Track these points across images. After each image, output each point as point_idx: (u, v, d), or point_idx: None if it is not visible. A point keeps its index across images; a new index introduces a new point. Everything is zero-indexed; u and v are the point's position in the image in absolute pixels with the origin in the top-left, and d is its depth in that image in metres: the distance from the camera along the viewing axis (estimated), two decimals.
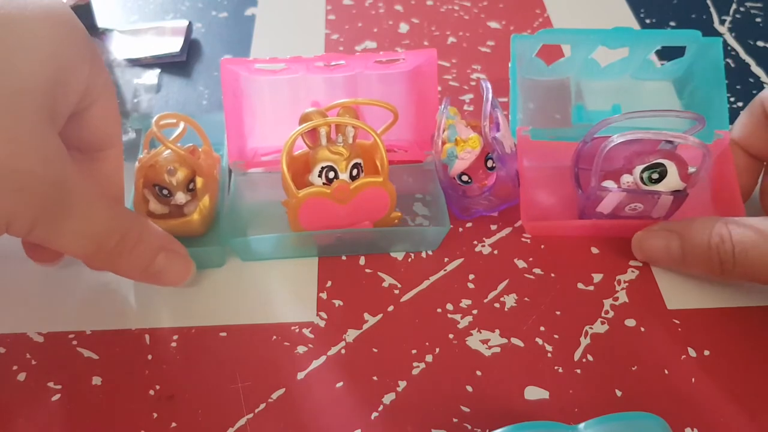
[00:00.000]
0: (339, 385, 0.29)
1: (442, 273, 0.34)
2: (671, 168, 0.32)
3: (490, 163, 0.35)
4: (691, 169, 0.32)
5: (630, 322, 0.32)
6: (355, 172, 0.32)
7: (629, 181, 0.33)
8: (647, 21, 0.51)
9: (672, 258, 0.32)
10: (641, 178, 0.32)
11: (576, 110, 0.40)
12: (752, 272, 0.29)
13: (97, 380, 0.30)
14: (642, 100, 0.41)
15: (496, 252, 0.35)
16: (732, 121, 0.39)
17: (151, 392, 0.29)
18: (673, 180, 0.32)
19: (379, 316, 0.32)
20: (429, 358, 0.30)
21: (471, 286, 0.33)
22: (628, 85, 0.41)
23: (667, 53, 0.45)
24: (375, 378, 0.29)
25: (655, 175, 0.32)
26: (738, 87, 0.46)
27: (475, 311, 0.32)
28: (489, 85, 0.35)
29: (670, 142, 0.33)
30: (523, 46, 0.38)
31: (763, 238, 0.28)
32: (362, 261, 0.35)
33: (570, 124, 0.40)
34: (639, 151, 0.33)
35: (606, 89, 0.41)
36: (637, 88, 0.41)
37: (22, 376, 0.30)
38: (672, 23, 0.51)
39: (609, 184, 0.33)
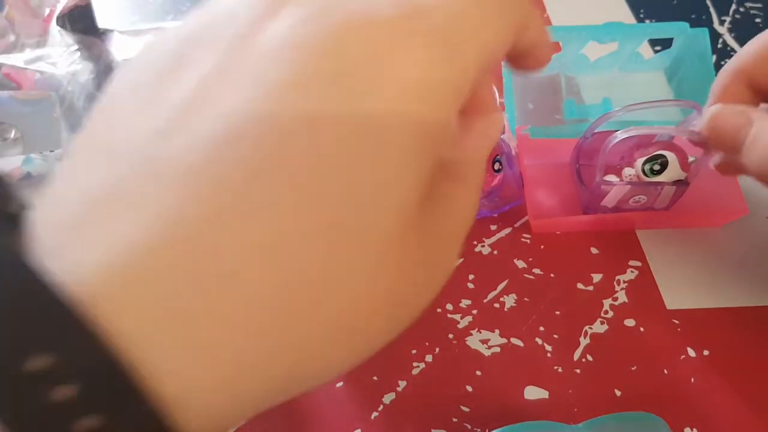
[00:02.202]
0: (339, 385, 0.29)
1: None
2: (672, 158, 0.32)
3: (497, 166, 0.35)
4: (691, 159, 0.33)
5: (629, 322, 0.32)
6: None
7: (631, 173, 0.33)
8: (646, 21, 0.51)
9: (735, 145, 0.28)
10: (643, 171, 0.33)
11: (567, 105, 0.40)
12: None
13: None
14: (631, 92, 0.41)
15: (495, 252, 0.35)
16: None
17: None
18: (674, 170, 0.32)
19: None
20: (429, 358, 0.30)
21: (471, 286, 0.33)
22: (617, 78, 0.41)
23: (660, 44, 0.45)
24: (375, 378, 0.29)
25: (657, 167, 0.32)
26: None
27: (474, 311, 0.32)
28: (494, 88, 0.35)
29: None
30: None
31: None
32: None
33: (563, 120, 0.40)
34: (638, 144, 0.33)
35: (596, 83, 0.41)
36: (625, 80, 0.41)
37: None
38: None
39: (611, 178, 0.33)
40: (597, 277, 0.34)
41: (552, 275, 0.34)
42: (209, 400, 0.15)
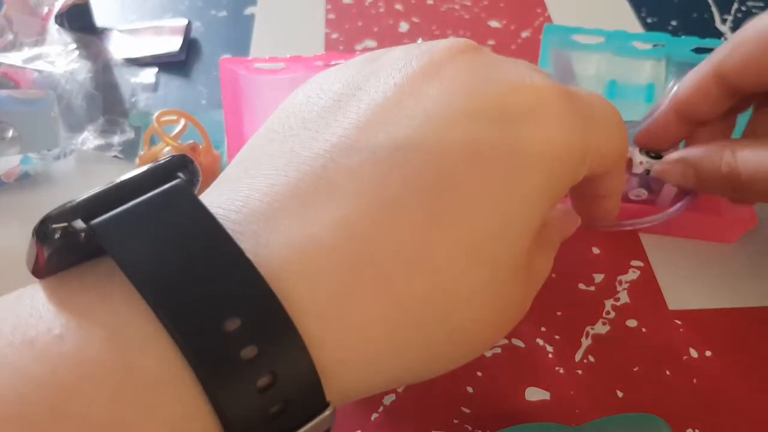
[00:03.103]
0: None
1: None
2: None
3: None
4: None
5: (631, 323, 0.31)
6: None
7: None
8: (648, 20, 0.51)
9: (690, 185, 0.31)
10: (639, 150, 0.32)
11: (609, 86, 0.39)
12: (765, 195, 0.28)
13: None
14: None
15: None
16: None
17: None
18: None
19: None
20: None
21: None
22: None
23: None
24: None
25: (653, 153, 0.32)
26: None
27: None
28: None
29: None
30: (555, 38, 0.38)
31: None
32: None
33: None
34: None
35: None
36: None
37: None
38: (673, 23, 0.51)
39: None
40: (598, 278, 0.33)
41: (553, 275, 0.33)
42: (351, 373, 0.18)
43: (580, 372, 0.30)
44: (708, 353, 0.30)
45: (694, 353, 0.30)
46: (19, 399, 0.14)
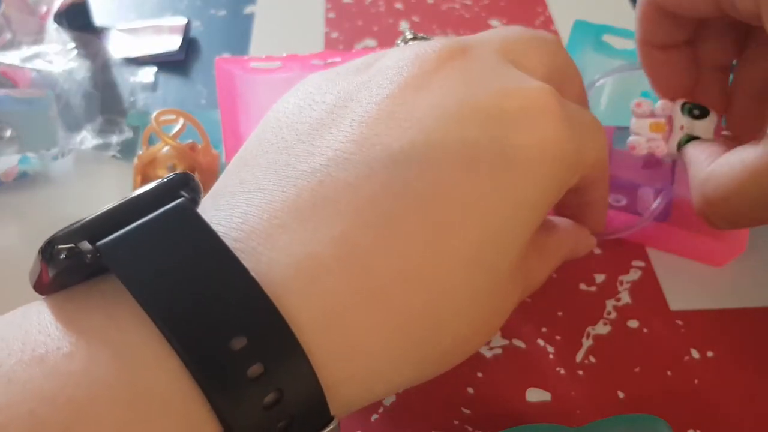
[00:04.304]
0: None
1: None
2: (713, 117, 0.29)
3: None
4: (725, 132, 0.30)
5: (632, 323, 0.31)
6: None
7: (657, 107, 0.30)
8: None
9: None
10: (682, 108, 0.29)
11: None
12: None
13: None
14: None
15: None
16: None
17: None
18: (710, 127, 0.29)
19: None
20: None
21: None
22: None
23: None
24: None
25: (697, 111, 0.29)
26: None
27: None
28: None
29: None
30: (584, 34, 0.37)
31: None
32: None
33: None
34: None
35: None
36: None
37: None
38: None
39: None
40: (600, 278, 0.33)
41: (554, 275, 0.33)
42: (354, 387, 0.18)
43: (581, 373, 0.29)
44: (710, 354, 0.30)
45: (695, 354, 0.30)
46: (30, 415, 0.14)
